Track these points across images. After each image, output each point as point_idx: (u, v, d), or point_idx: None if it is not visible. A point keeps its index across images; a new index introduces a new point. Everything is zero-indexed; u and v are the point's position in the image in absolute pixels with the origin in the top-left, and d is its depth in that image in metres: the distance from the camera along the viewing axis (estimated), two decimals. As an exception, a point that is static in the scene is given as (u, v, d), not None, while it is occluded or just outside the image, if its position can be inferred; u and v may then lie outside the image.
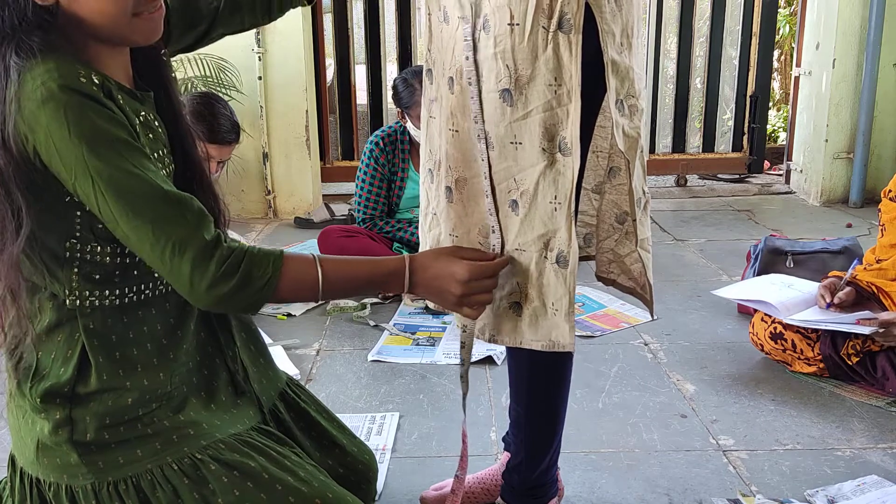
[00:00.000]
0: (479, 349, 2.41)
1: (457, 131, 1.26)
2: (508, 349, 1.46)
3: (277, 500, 1.10)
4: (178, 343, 1.16)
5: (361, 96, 5.00)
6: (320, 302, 1.56)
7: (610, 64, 1.20)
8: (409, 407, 2.10)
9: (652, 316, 1.46)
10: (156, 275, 1.13)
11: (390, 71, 4.93)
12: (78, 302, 1.08)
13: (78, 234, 1.07)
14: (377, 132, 3.13)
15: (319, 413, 1.39)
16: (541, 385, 1.45)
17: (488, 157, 1.24)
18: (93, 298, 1.09)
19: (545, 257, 1.23)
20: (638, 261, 1.39)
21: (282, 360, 2.37)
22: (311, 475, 1.15)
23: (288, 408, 1.33)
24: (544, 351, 1.28)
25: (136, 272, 1.12)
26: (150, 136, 1.10)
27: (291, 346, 2.50)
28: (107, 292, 1.09)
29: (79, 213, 1.06)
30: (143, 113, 1.10)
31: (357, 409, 2.10)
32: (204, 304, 1.06)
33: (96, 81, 1.02)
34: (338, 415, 1.47)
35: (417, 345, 2.51)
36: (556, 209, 1.21)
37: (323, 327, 2.68)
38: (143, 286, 1.13)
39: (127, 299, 1.11)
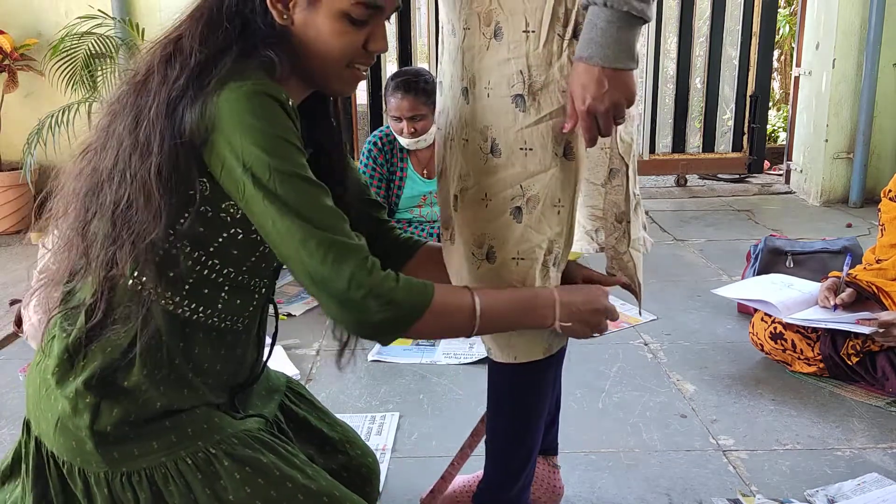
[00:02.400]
0: (480, 349, 2.41)
1: (467, 141, 1.26)
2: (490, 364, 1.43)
3: (288, 496, 1.11)
4: (215, 372, 1.17)
5: (361, 96, 5.00)
6: (471, 338, 1.48)
7: None
8: (409, 407, 2.10)
9: (640, 311, 1.48)
10: (219, 305, 1.12)
11: (390, 71, 4.92)
12: (139, 287, 1.07)
13: (178, 228, 1.05)
14: (375, 132, 3.13)
15: (320, 420, 1.40)
16: (516, 398, 1.38)
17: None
18: (149, 291, 1.07)
19: (544, 263, 1.24)
20: (631, 259, 1.41)
21: (282, 360, 2.38)
22: (317, 473, 1.17)
23: (288, 419, 1.34)
24: (517, 366, 1.29)
25: (205, 290, 1.10)
26: None
27: (291, 346, 2.50)
28: (168, 294, 1.08)
29: (188, 211, 1.04)
30: None
31: (357, 409, 2.10)
32: (350, 316, 1.03)
33: (291, 104, 1.04)
34: (338, 415, 1.48)
35: (417, 345, 2.50)
36: (559, 212, 1.23)
37: (323, 327, 2.68)
38: (200, 308, 1.12)
39: (181, 310, 1.10)
